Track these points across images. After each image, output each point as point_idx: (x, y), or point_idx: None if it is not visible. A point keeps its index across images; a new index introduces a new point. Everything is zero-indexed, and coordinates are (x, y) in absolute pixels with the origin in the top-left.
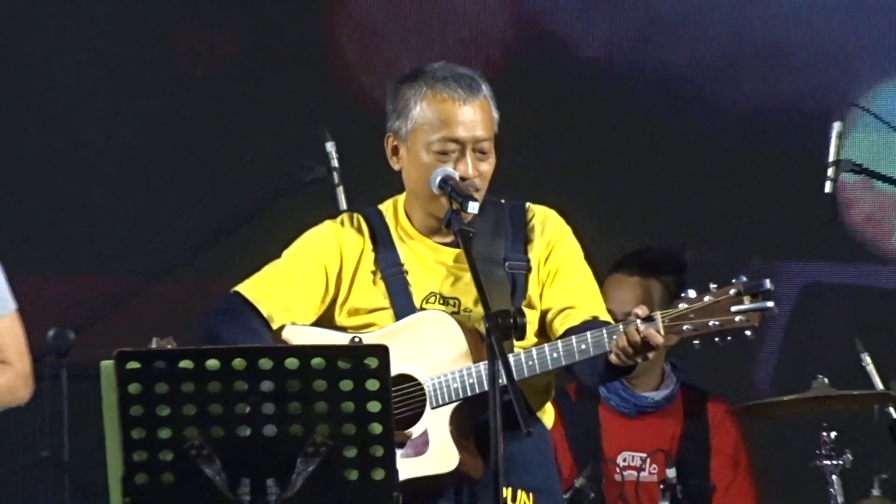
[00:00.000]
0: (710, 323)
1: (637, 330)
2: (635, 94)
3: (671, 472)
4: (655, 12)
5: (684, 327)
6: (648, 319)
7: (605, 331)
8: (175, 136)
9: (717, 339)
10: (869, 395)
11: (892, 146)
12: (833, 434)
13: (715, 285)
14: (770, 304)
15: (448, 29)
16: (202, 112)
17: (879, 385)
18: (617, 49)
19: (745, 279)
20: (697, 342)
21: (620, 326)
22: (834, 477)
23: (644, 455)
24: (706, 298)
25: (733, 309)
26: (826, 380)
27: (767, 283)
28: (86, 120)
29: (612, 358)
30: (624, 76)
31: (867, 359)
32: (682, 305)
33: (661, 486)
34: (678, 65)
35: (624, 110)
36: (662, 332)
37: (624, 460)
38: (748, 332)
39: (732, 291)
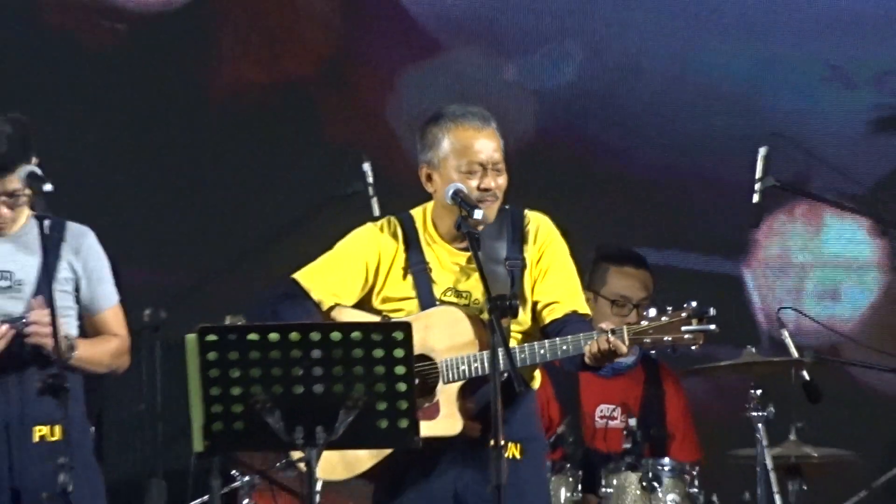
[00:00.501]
0: (665, 338)
1: (607, 341)
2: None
3: (633, 421)
4: (615, 63)
5: (644, 340)
6: (614, 332)
7: (582, 337)
8: (249, 156)
9: (668, 350)
10: (786, 362)
11: (811, 166)
12: (759, 391)
13: (671, 308)
14: (712, 326)
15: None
16: (271, 136)
17: (795, 354)
18: (583, 88)
19: (694, 305)
20: (654, 351)
21: (594, 334)
22: (760, 425)
23: (614, 406)
24: (663, 318)
25: (683, 328)
26: (753, 349)
27: (711, 311)
28: (175, 142)
29: (586, 359)
30: (592, 110)
31: (785, 333)
32: (644, 323)
33: (625, 432)
34: (637, 105)
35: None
36: (627, 343)
37: (600, 411)
38: (693, 347)
39: (684, 315)
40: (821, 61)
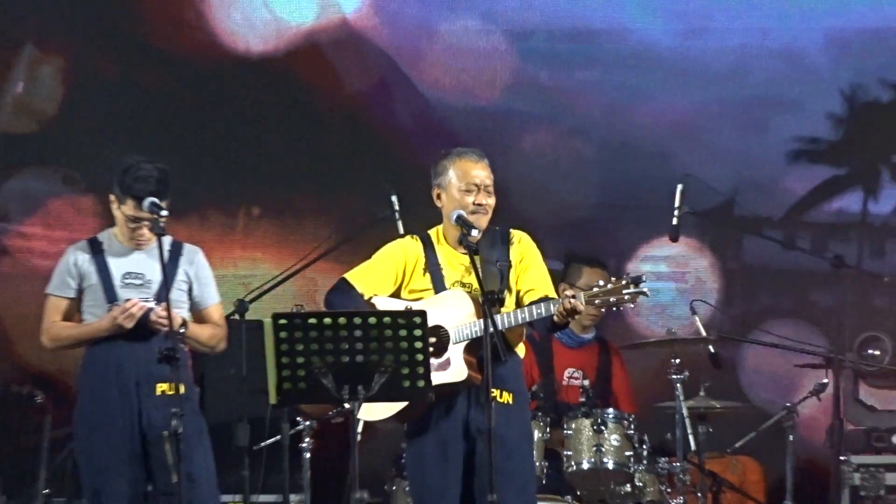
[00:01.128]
0: (611, 299)
1: (569, 302)
2: None
3: (587, 382)
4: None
5: (595, 301)
6: (574, 297)
7: (551, 302)
8: (310, 187)
9: (614, 308)
10: (697, 339)
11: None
12: (678, 360)
13: (614, 278)
14: (645, 290)
15: None
16: (324, 169)
17: (703, 333)
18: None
19: (631, 275)
20: (603, 309)
21: (560, 300)
22: (678, 385)
23: (575, 370)
24: (608, 285)
25: (624, 291)
26: (675, 329)
27: (643, 277)
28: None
29: (556, 318)
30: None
31: (696, 319)
32: (595, 289)
33: (581, 389)
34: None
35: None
36: (583, 303)
37: (567, 373)
38: (631, 305)
39: (623, 282)
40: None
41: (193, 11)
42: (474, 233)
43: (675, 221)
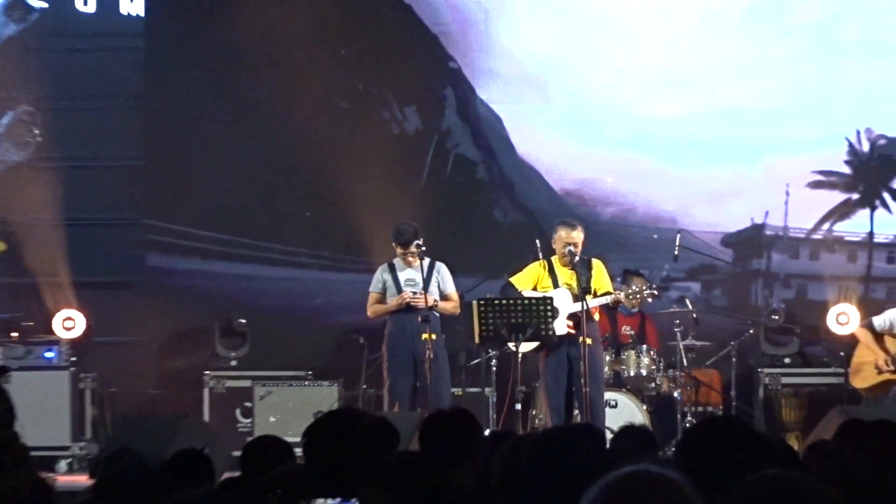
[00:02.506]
0: (639, 296)
1: (614, 298)
2: None
3: (633, 332)
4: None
5: (632, 298)
6: (618, 294)
7: (609, 296)
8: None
9: (644, 299)
10: (686, 311)
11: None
12: (678, 321)
13: (644, 285)
14: (655, 292)
15: None
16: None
17: (690, 307)
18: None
19: (652, 285)
20: (638, 297)
21: (614, 295)
22: (678, 334)
23: (629, 326)
24: (636, 288)
25: (646, 292)
26: (675, 306)
27: (654, 286)
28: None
29: (610, 303)
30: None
31: (687, 301)
32: (632, 290)
33: (630, 337)
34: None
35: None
36: (623, 297)
37: (624, 329)
38: (650, 300)
39: (646, 288)
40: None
41: None
42: (575, 259)
43: (675, 254)
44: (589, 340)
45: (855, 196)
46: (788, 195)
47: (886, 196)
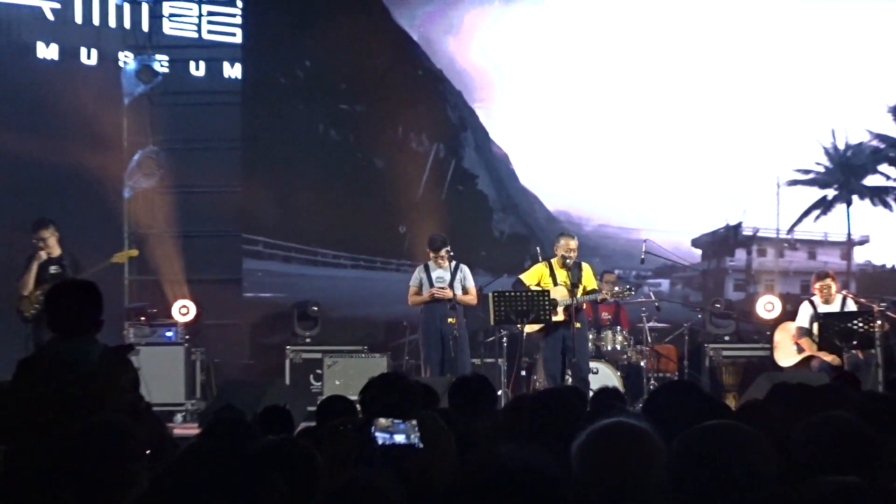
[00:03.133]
0: (615, 290)
1: (599, 295)
2: None
3: (609, 316)
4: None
5: (612, 297)
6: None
7: (595, 293)
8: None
9: (620, 296)
10: (649, 301)
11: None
12: (644, 308)
13: (618, 285)
14: (630, 291)
15: None
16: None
17: (653, 298)
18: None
19: (626, 285)
20: (616, 290)
21: (600, 293)
22: (644, 317)
23: (606, 312)
24: (615, 288)
25: (623, 291)
26: (651, 295)
27: (629, 286)
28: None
29: (598, 299)
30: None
31: (651, 293)
32: (616, 290)
33: (608, 319)
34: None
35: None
36: (604, 293)
37: (604, 314)
38: (626, 295)
39: (627, 286)
40: None
41: None
42: (570, 262)
43: (642, 257)
44: (577, 324)
45: (832, 192)
46: (755, 200)
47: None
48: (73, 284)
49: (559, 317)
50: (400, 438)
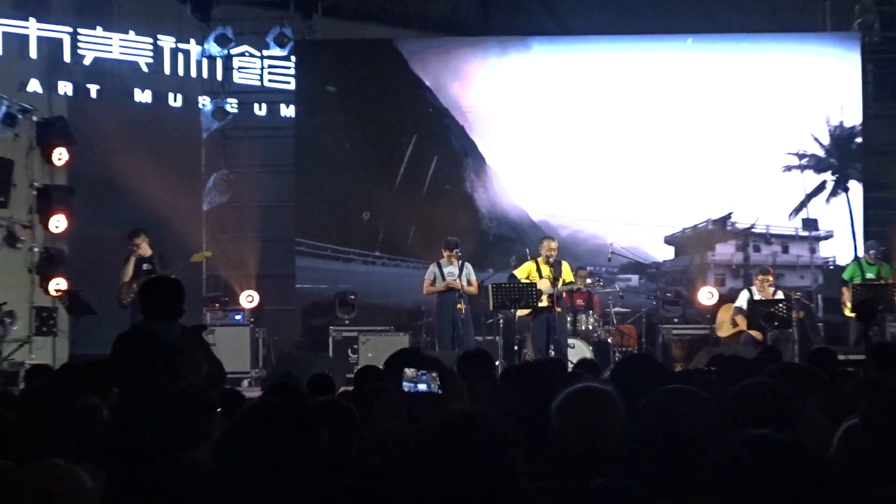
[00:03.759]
0: (587, 282)
1: (574, 286)
2: None
3: (583, 303)
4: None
5: (584, 287)
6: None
7: (572, 284)
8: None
9: (592, 287)
10: (615, 291)
11: None
12: (611, 297)
13: (590, 278)
14: (599, 283)
15: None
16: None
17: (618, 289)
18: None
19: (596, 277)
20: (588, 282)
21: (574, 284)
22: (610, 303)
23: (581, 300)
24: (587, 280)
25: (594, 284)
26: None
27: (599, 279)
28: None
29: (574, 289)
30: None
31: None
32: (588, 281)
33: (582, 305)
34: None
35: None
36: (579, 285)
37: (579, 302)
38: (597, 288)
39: (594, 278)
40: None
41: None
42: (551, 260)
43: (609, 257)
44: (558, 309)
45: (829, 177)
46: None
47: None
48: (162, 280)
49: (544, 303)
50: (422, 387)
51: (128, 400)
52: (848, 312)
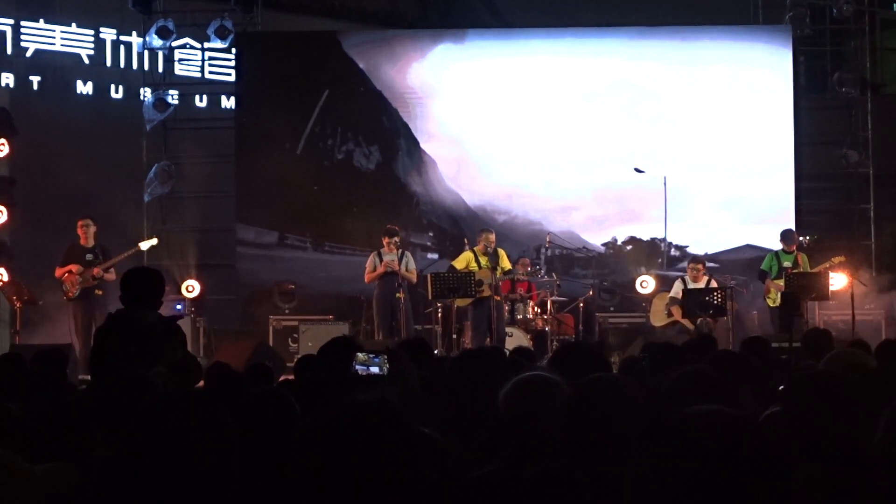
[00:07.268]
0: (528, 270)
1: (514, 273)
2: None
3: (523, 292)
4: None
5: (522, 272)
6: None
7: (512, 272)
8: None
9: (532, 275)
10: (552, 281)
11: None
12: (558, 283)
13: (530, 266)
14: (542, 271)
15: None
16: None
17: (555, 278)
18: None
19: (537, 266)
20: (529, 271)
21: (512, 271)
22: (551, 292)
23: (521, 288)
24: (528, 269)
25: (539, 275)
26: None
27: (538, 267)
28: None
29: (514, 277)
30: None
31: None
32: (528, 269)
33: (521, 293)
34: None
35: None
36: (519, 273)
37: (518, 290)
38: (536, 276)
39: (529, 267)
40: None
41: None
42: (489, 250)
43: (546, 245)
44: (497, 298)
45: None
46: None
47: None
48: (144, 271)
49: (485, 292)
50: (374, 370)
51: (101, 382)
52: (771, 304)
